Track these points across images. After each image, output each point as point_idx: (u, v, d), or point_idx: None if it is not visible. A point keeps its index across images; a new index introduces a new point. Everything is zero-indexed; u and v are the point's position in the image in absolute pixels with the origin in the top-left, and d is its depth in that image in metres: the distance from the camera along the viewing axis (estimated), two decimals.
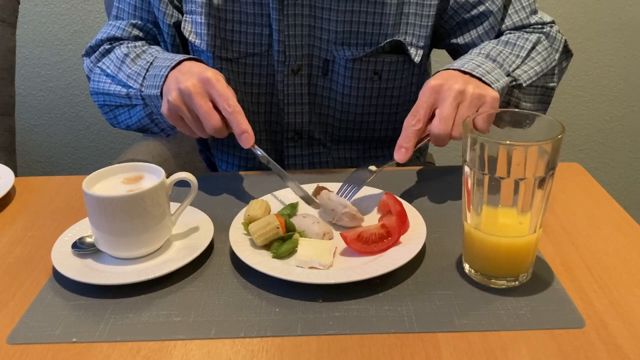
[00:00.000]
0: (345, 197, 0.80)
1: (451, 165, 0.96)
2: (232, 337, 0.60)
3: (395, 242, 0.71)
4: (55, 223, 0.82)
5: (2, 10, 1.35)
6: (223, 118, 0.80)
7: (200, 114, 0.80)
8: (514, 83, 0.89)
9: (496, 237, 0.64)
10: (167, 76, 0.85)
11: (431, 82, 0.80)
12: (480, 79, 0.82)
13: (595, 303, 0.63)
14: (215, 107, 0.80)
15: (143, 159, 1.18)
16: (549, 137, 0.60)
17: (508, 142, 0.59)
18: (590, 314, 0.62)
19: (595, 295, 0.64)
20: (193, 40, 0.97)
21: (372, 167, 0.83)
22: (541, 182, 0.61)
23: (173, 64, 0.85)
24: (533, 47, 0.94)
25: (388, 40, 0.95)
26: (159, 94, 0.86)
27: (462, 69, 0.83)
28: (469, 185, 0.64)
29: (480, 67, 0.84)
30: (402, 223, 0.72)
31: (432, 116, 0.79)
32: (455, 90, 0.78)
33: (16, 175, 0.93)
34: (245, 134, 0.80)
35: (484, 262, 0.66)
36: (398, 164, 0.81)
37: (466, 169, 0.64)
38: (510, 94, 0.91)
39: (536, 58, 0.93)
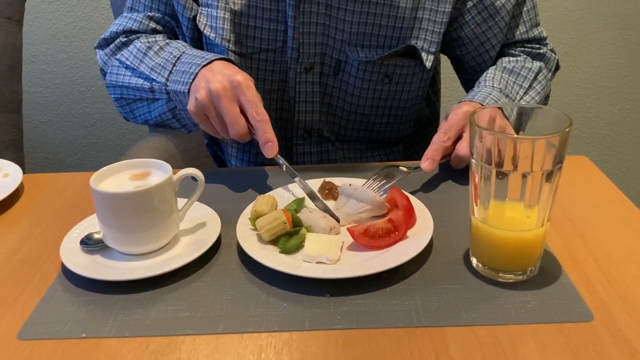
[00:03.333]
0: (377, 190, 0.81)
1: None
2: (240, 332, 0.61)
3: (402, 237, 0.70)
4: (63, 220, 0.82)
5: (9, 7, 1.35)
6: (247, 124, 0.82)
7: (226, 118, 0.81)
8: None
9: (503, 231, 0.64)
10: (197, 74, 0.85)
11: (465, 108, 0.86)
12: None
13: (604, 296, 0.63)
14: (242, 112, 0.81)
15: (150, 155, 1.18)
16: (557, 130, 0.59)
17: (515, 135, 0.59)
18: (598, 307, 0.62)
19: (604, 289, 0.64)
20: (208, 33, 0.97)
21: (404, 168, 0.86)
22: (549, 176, 0.61)
23: (205, 63, 0.86)
24: (535, 77, 0.99)
25: (402, 45, 0.96)
26: (186, 91, 0.86)
27: (484, 103, 0.89)
28: (476, 179, 0.64)
29: (497, 102, 0.90)
30: (409, 217, 0.72)
31: (458, 138, 0.85)
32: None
33: (24, 172, 0.93)
34: (270, 144, 0.81)
35: (492, 256, 0.66)
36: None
37: (473, 162, 0.64)
38: None
39: (537, 87, 0.99)
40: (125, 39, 1.00)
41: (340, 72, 0.99)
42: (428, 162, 0.83)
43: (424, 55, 0.98)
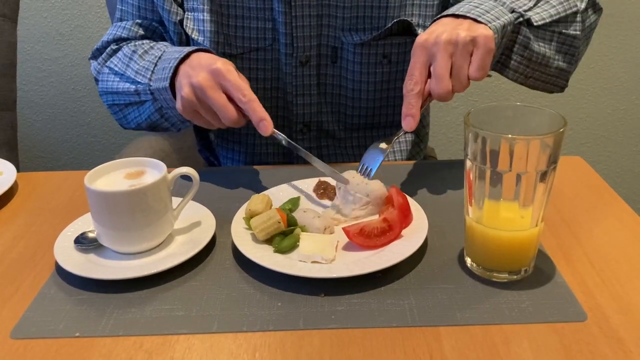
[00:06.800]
0: (365, 176, 0.79)
1: (453, 159, 0.96)
2: (234, 331, 0.61)
3: (397, 236, 0.71)
4: (57, 218, 0.82)
5: (4, 5, 1.35)
6: (238, 108, 0.81)
7: (215, 107, 0.81)
8: (521, 19, 0.84)
9: (498, 231, 0.64)
10: (176, 68, 0.85)
11: (421, 38, 0.77)
12: (475, 20, 0.78)
13: (597, 296, 0.63)
14: (229, 98, 0.81)
15: (145, 154, 1.18)
16: (551, 130, 0.60)
17: (510, 135, 0.59)
18: (592, 307, 0.62)
19: (597, 289, 0.64)
20: (196, 37, 0.97)
21: (383, 145, 0.82)
22: (543, 176, 0.61)
23: (181, 56, 0.85)
24: None
25: (394, 21, 0.94)
26: (167, 85, 0.86)
27: (458, 12, 0.79)
28: (471, 179, 0.64)
29: (477, 8, 0.80)
30: (404, 217, 0.72)
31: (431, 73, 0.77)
32: (444, 41, 0.74)
33: (18, 170, 0.93)
34: (264, 121, 0.80)
35: (486, 255, 0.66)
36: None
37: (468, 162, 0.64)
38: (518, 31, 0.85)
39: (551, 1, 0.87)
40: (115, 46, 1.00)
41: (338, 59, 0.98)
42: (408, 120, 0.76)
43: (420, 31, 0.94)
